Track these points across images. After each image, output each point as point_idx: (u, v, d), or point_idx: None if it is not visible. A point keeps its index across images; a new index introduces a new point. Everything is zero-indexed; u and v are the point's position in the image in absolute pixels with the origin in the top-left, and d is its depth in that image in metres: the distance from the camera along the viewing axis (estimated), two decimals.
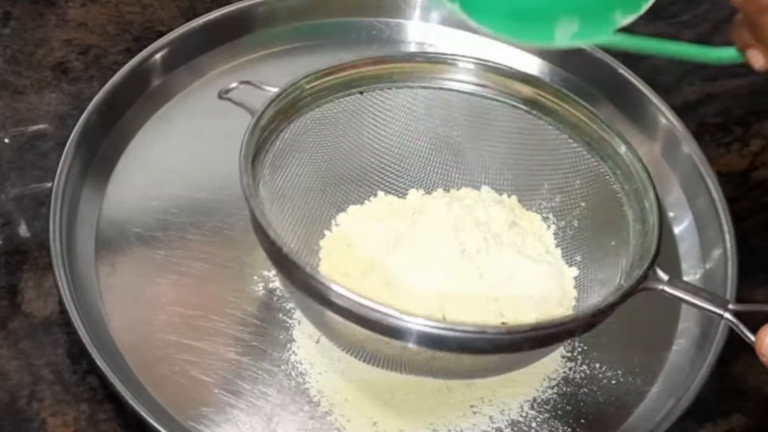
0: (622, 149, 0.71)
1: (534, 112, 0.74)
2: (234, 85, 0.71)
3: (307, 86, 0.71)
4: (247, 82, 0.71)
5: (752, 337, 0.62)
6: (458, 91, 0.74)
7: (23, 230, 0.77)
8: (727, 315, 0.64)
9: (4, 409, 0.69)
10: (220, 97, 0.71)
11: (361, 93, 0.73)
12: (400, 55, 0.81)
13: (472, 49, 0.83)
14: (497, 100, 0.74)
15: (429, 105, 0.75)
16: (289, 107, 0.70)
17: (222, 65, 0.86)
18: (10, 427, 0.68)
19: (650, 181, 0.69)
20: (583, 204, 0.74)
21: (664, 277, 0.65)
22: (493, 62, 0.74)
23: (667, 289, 0.65)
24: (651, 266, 0.65)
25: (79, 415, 0.69)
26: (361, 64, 0.73)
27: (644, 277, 0.65)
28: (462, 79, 0.74)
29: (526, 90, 0.74)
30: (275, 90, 0.70)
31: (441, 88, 0.74)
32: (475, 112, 0.75)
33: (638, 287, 0.65)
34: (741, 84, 0.91)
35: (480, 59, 0.74)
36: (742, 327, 0.63)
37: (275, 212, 0.68)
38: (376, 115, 0.75)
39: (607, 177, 0.72)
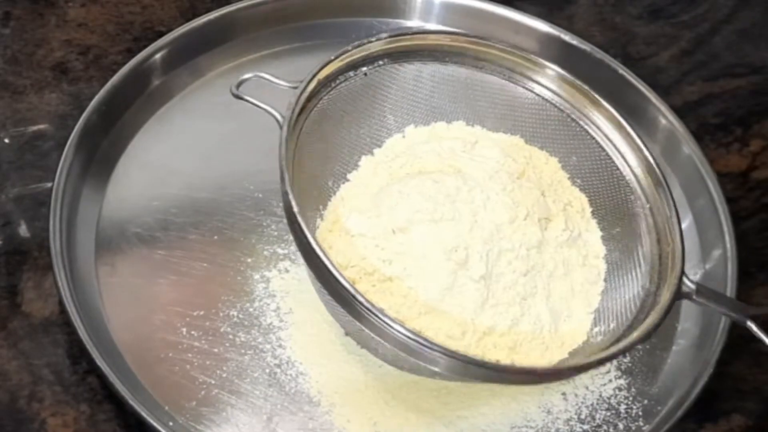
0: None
1: (535, 90, 0.75)
2: (248, 76, 0.70)
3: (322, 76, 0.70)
4: (260, 76, 0.70)
5: None
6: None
7: (23, 230, 0.77)
8: (749, 323, 0.65)
9: (4, 409, 0.69)
10: (232, 92, 0.70)
11: (365, 75, 0.73)
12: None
13: None
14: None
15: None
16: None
17: (222, 65, 0.86)
18: (10, 427, 0.68)
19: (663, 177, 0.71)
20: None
21: (692, 285, 0.66)
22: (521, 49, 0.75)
23: (695, 297, 0.66)
24: (681, 277, 0.66)
25: (79, 415, 0.69)
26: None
27: (678, 289, 0.65)
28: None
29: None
30: (287, 84, 0.69)
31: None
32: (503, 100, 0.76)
33: (674, 300, 0.65)
34: (741, 84, 0.91)
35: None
36: (761, 334, 0.65)
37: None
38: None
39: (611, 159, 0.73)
